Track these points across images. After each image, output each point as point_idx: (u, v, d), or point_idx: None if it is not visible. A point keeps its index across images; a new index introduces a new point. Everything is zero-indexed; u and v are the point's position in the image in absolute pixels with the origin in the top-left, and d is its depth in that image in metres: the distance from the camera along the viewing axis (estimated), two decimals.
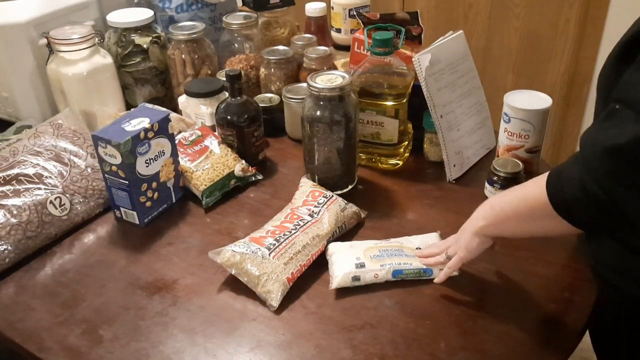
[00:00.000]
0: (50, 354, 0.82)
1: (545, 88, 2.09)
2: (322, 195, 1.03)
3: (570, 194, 0.69)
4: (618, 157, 0.65)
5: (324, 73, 1.06)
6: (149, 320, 0.87)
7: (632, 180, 0.65)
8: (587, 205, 0.68)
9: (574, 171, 0.69)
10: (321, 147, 1.07)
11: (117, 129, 0.99)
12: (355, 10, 1.40)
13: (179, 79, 1.36)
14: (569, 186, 0.69)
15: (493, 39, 2.17)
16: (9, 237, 0.96)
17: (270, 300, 0.87)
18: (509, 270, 0.93)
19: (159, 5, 1.43)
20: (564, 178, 0.71)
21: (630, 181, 0.65)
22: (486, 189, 1.08)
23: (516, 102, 1.06)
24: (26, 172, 1.02)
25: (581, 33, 1.99)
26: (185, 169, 1.11)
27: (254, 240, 0.93)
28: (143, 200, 1.04)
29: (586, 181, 0.67)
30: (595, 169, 0.67)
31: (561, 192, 0.71)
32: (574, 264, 0.94)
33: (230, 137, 1.17)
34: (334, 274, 0.91)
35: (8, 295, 0.93)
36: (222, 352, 0.82)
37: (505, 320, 0.85)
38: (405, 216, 1.06)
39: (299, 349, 0.82)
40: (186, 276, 0.95)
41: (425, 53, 1.10)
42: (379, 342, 0.82)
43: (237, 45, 1.40)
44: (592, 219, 0.71)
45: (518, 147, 1.09)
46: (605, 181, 0.66)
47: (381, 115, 1.13)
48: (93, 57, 1.23)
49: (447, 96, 1.14)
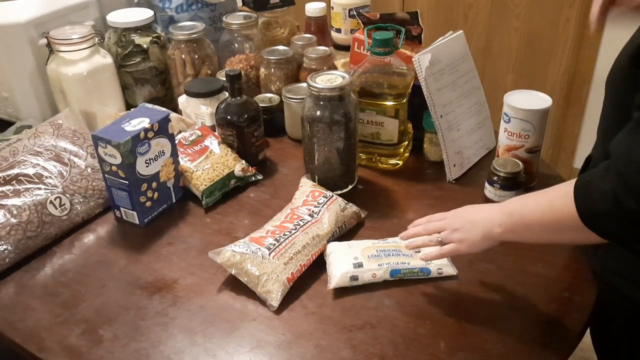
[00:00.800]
0: (50, 354, 0.82)
1: (545, 88, 2.09)
2: (322, 195, 1.03)
3: (602, 208, 0.68)
4: None
5: (324, 73, 1.06)
6: (149, 320, 0.87)
7: None
8: (621, 220, 0.67)
9: (607, 184, 0.67)
10: (321, 147, 1.07)
11: (117, 129, 0.99)
12: (355, 10, 1.40)
13: (179, 79, 1.36)
14: (600, 200, 0.68)
15: (493, 39, 2.17)
16: (9, 237, 0.96)
17: (270, 300, 0.87)
18: (509, 270, 0.93)
19: (159, 5, 1.43)
20: (594, 191, 0.69)
21: None
22: (486, 189, 1.08)
23: (516, 102, 1.06)
24: (26, 172, 1.02)
25: (581, 33, 1.99)
26: (185, 169, 1.11)
27: (254, 240, 0.93)
28: (143, 200, 1.04)
29: (621, 196, 0.65)
30: (631, 184, 0.65)
31: (592, 205, 0.69)
32: (574, 264, 0.94)
33: (230, 137, 1.17)
34: (332, 274, 0.91)
35: (8, 295, 0.93)
36: (222, 352, 0.82)
37: (505, 320, 0.85)
38: (405, 216, 1.06)
39: (299, 349, 0.82)
40: (186, 276, 0.95)
41: (425, 53, 1.10)
42: (379, 342, 0.82)
43: (237, 45, 1.40)
44: (625, 232, 0.70)
45: (518, 147, 1.09)
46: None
47: (381, 115, 1.13)
48: (93, 57, 1.23)
49: (447, 96, 1.14)
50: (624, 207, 0.65)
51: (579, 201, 0.70)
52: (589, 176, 0.71)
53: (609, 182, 0.67)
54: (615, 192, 0.66)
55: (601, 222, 0.70)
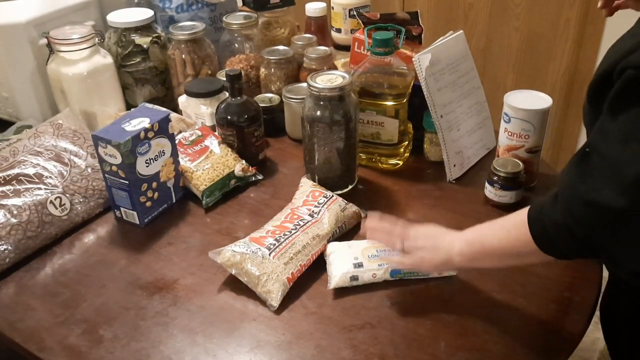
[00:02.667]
0: (50, 354, 0.82)
1: (545, 88, 2.09)
2: (322, 195, 1.03)
3: (556, 236, 0.72)
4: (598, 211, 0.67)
5: (324, 73, 1.06)
6: (149, 320, 0.87)
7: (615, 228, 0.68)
8: (576, 245, 0.71)
9: (557, 213, 0.71)
10: (321, 147, 1.08)
11: (117, 129, 0.99)
12: (355, 10, 1.40)
13: (179, 79, 1.36)
14: (553, 229, 0.72)
15: (493, 39, 2.17)
16: (9, 237, 0.96)
17: (271, 300, 0.87)
18: (509, 270, 0.93)
19: (159, 5, 1.43)
20: (547, 220, 0.72)
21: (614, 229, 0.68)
22: (486, 189, 1.08)
23: (516, 102, 1.06)
24: (26, 172, 1.02)
25: (581, 33, 1.99)
26: (185, 169, 1.11)
27: (254, 240, 0.93)
28: (143, 200, 1.04)
29: (571, 226, 0.69)
30: (578, 217, 0.69)
31: (546, 234, 0.73)
32: (574, 264, 0.94)
33: (230, 137, 1.17)
34: (332, 273, 0.91)
35: (8, 295, 0.93)
36: (222, 352, 0.82)
37: (505, 320, 0.85)
38: (405, 216, 1.06)
39: (299, 349, 0.82)
40: (186, 276, 0.95)
41: (425, 53, 1.10)
42: (379, 342, 0.82)
43: (237, 45, 1.40)
44: (581, 255, 0.76)
45: (518, 147, 1.09)
46: (589, 228, 0.68)
47: (381, 115, 1.13)
48: (93, 57, 1.23)
49: (447, 96, 1.14)
50: (575, 235, 0.69)
51: (534, 231, 0.74)
52: (540, 206, 0.75)
53: (558, 212, 0.71)
54: (566, 222, 0.70)
55: (558, 248, 0.73)
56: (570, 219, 0.69)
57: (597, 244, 0.70)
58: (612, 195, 0.65)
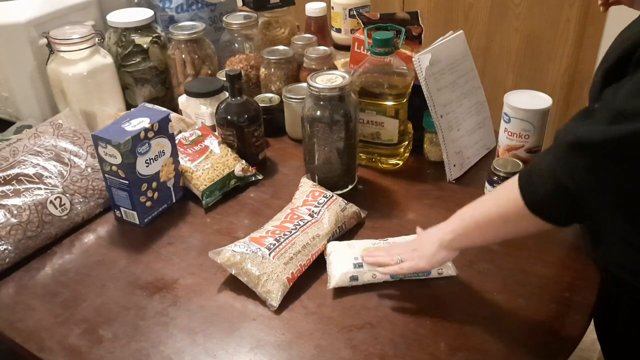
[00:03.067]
0: (50, 354, 0.82)
1: (545, 88, 2.09)
2: (322, 195, 1.03)
3: (543, 190, 0.70)
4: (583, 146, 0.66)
5: (324, 73, 1.06)
6: (149, 320, 0.87)
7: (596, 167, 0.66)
8: (563, 200, 0.69)
9: (545, 163, 0.70)
10: (321, 147, 1.08)
11: (117, 129, 0.99)
12: (355, 10, 1.40)
13: (179, 78, 1.36)
14: (542, 182, 0.70)
15: (493, 39, 2.17)
16: (9, 237, 0.96)
17: (270, 300, 0.87)
18: (509, 270, 0.93)
19: (159, 5, 1.43)
20: (536, 175, 0.72)
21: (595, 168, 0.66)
22: (486, 189, 1.08)
23: (516, 102, 1.06)
24: (26, 172, 1.02)
25: (581, 33, 1.99)
26: (185, 169, 1.11)
27: (254, 240, 0.93)
28: (143, 200, 1.04)
29: (556, 170, 0.68)
30: (564, 160, 0.68)
31: (534, 189, 0.71)
32: (574, 264, 0.94)
33: (230, 137, 1.17)
34: (331, 273, 0.91)
35: (8, 295, 0.93)
36: (222, 352, 0.82)
37: (505, 320, 0.85)
38: (405, 216, 1.06)
39: (299, 349, 0.82)
40: (186, 276, 0.95)
41: (425, 53, 1.10)
42: (379, 342, 0.82)
43: (237, 45, 1.40)
44: (569, 215, 0.73)
45: (518, 147, 1.09)
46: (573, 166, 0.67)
47: (381, 115, 1.13)
48: (93, 57, 1.23)
49: (447, 96, 1.14)
50: (562, 185, 0.68)
51: (523, 188, 0.73)
52: (533, 163, 0.74)
53: (547, 161, 0.70)
54: (552, 169, 0.69)
55: (545, 206, 0.72)
56: (556, 161, 0.68)
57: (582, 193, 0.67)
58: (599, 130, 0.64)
